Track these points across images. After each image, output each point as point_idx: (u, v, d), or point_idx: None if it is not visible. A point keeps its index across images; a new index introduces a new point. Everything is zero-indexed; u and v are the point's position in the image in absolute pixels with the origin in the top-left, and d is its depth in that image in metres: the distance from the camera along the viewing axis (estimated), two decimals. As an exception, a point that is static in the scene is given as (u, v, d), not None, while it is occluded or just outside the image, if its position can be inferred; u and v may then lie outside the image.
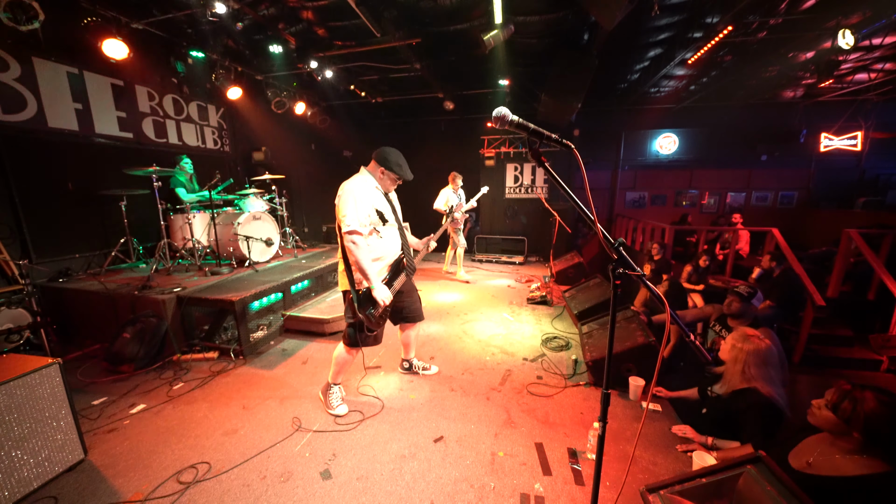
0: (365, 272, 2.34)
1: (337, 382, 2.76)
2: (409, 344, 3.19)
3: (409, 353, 3.26)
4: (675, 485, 1.57)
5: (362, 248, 2.33)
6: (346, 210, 2.31)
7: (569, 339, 3.99)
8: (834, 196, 8.27)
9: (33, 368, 2.02)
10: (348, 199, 2.33)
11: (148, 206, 4.44)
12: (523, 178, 8.87)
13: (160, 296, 3.57)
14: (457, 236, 6.41)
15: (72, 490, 2.06)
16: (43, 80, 4.10)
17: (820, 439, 1.60)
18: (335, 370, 2.71)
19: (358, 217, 2.32)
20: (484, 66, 5.96)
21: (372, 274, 2.36)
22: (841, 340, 3.97)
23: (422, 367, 3.31)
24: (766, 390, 2.08)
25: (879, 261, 3.90)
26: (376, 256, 2.47)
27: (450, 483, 2.10)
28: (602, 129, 8.67)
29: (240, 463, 2.25)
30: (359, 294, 2.43)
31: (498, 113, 1.24)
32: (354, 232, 2.30)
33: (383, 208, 2.48)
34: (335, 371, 2.72)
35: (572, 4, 4.23)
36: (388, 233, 2.52)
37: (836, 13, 4.27)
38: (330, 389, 2.76)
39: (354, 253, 2.31)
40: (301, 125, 7.66)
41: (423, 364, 3.34)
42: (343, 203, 2.34)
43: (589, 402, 2.85)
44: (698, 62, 5.23)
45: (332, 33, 5.07)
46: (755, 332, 2.23)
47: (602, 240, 1.23)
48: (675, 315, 1.21)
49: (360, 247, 2.32)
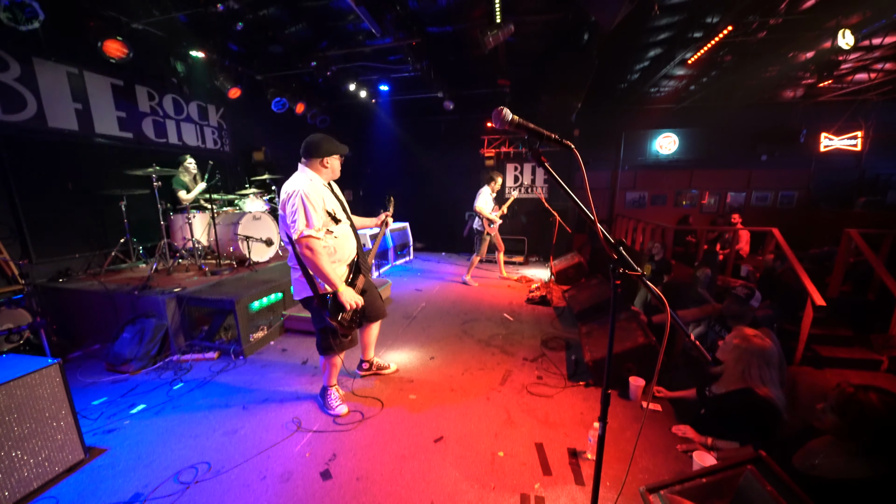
0: (328, 277, 2.22)
1: (332, 384, 2.76)
2: (371, 344, 3.11)
3: (368, 353, 3.15)
4: (675, 485, 1.57)
5: (320, 252, 2.19)
6: (297, 215, 2.15)
7: (569, 339, 3.99)
8: (834, 196, 8.26)
9: (33, 368, 2.02)
10: (297, 202, 2.16)
11: (148, 206, 4.44)
12: (523, 178, 8.87)
13: (160, 296, 3.57)
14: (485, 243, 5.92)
15: (72, 490, 2.06)
16: (43, 80, 4.09)
17: (825, 441, 1.60)
18: (328, 373, 2.71)
19: (312, 220, 2.17)
20: (484, 66, 5.96)
21: (335, 277, 2.26)
22: (841, 340, 3.96)
23: (382, 367, 3.26)
24: (763, 390, 2.08)
25: (879, 261, 3.89)
26: (334, 258, 2.38)
27: (450, 483, 2.10)
28: (602, 129, 8.66)
29: (240, 463, 2.25)
30: (326, 300, 2.32)
31: (498, 113, 1.24)
32: (310, 237, 2.16)
33: (334, 206, 2.37)
34: (328, 374, 2.72)
35: (572, 4, 4.23)
36: (341, 231, 2.41)
37: (836, 13, 4.27)
38: (327, 392, 2.75)
39: (313, 259, 2.17)
40: (301, 125, 7.66)
41: (383, 363, 3.29)
42: (291, 207, 2.17)
43: (589, 402, 2.85)
44: (698, 62, 5.22)
45: (331, 33, 5.07)
46: (754, 333, 2.23)
47: (602, 240, 1.23)
48: (675, 315, 1.21)
49: (318, 251, 2.18)
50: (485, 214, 5.68)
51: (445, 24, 4.77)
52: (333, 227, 2.35)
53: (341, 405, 2.74)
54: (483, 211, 5.66)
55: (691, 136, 8.67)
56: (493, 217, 5.71)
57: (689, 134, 8.66)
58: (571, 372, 3.31)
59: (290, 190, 2.22)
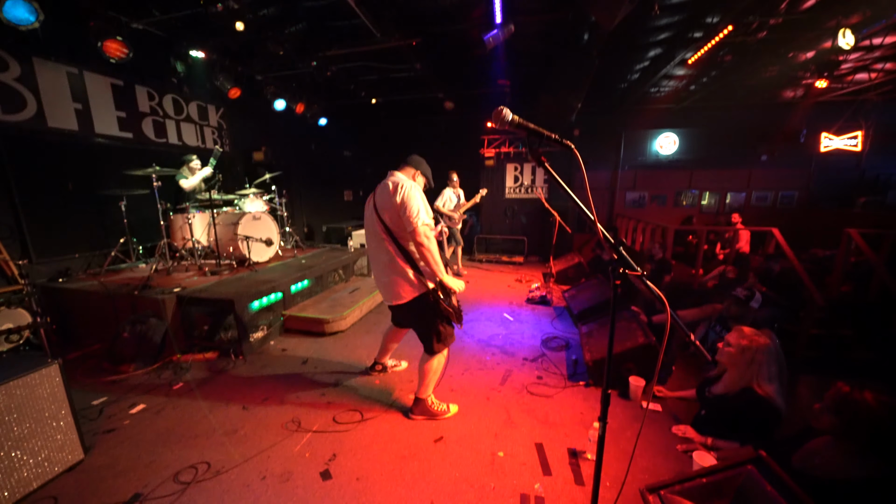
0: (439, 264, 2.37)
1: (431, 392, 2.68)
2: (396, 347, 3.22)
3: (387, 356, 3.25)
4: (675, 485, 1.57)
5: (433, 240, 2.36)
6: (414, 204, 2.30)
7: (569, 339, 3.99)
8: (834, 196, 8.26)
9: (33, 368, 2.02)
10: (413, 195, 2.33)
11: (148, 206, 4.44)
12: (523, 178, 8.87)
13: (160, 296, 3.57)
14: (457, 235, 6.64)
15: (72, 490, 2.06)
16: (43, 80, 4.10)
17: (825, 441, 1.60)
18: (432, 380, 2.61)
19: (427, 210, 2.36)
20: (484, 66, 5.96)
21: (440, 267, 2.38)
22: (841, 340, 3.97)
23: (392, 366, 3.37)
24: (763, 390, 2.08)
25: (879, 261, 3.90)
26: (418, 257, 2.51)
27: (450, 483, 2.10)
28: (602, 129, 8.66)
29: (240, 463, 2.25)
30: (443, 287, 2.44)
31: (498, 113, 1.24)
32: (427, 225, 2.32)
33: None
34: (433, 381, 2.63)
35: (572, 4, 4.23)
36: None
37: (836, 13, 4.27)
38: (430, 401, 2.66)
39: (429, 246, 2.32)
40: (301, 125, 7.66)
41: (393, 362, 3.39)
42: (409, 199, 2.31)
43: (589, 402, 2.85)
44: (698, 62, 5.22)
45: (332, 33, 5.07)
46: (755, 331, 2.23)
47: (602, 240, 1.23)
48: (675, 315, 1.21)
49: (432, 239, 2.35)
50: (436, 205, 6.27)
51: (445, 24, 4.77)
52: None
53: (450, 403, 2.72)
54: (440, 208, 6.36)
55: (691, 136, 8.67)
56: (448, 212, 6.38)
57: (689, 134, 8.66)
58: (571, 372, 3.31)
59: (403, 186, 2.35)
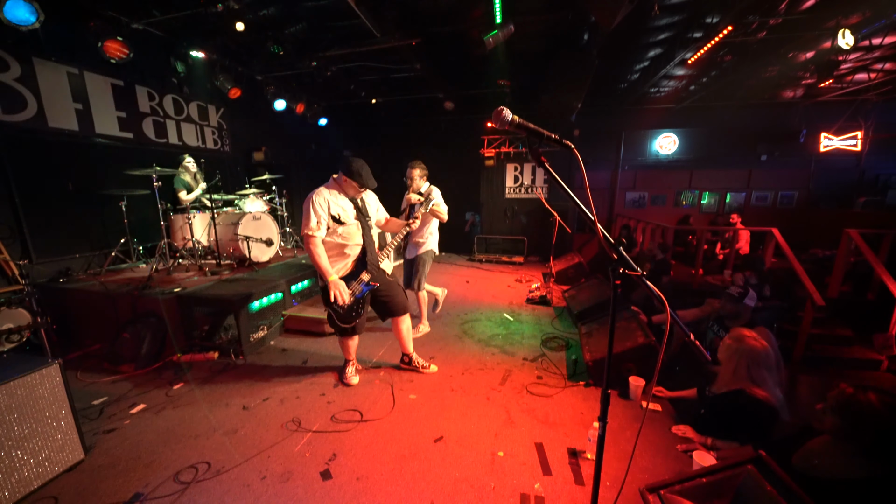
0: (318, 267, 2.71)
1: (348, 359, 3.19)
2: (403, 338, 3.26)
3: (406, 347, 3.32)
4: (675, 485, 1.57)
5: (319, 245, 2.69)
6: (304, 213, 2.69)
7: (569, 339, 3.99)
8: (834, 196, 8.26)
9: (33, 368, 2.02)
10: (307, 205, 2.69)
11: (148, 206, 4.44)
12: (523, 178, 8.87)
13: (160, 296, 3.57)
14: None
15: (72, 490, 2.06)
16: (43, 80, 4.09)
17: (825, 441, 1.60)
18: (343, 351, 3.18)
19: (310, 221, 2.65)
20: (484, 66, 5.95)
21: (325, 269, 2.69)
22: (841, 340, 3.97)
23: (422, 365, 3.32)
24: (758, 391, 2.08)
25: (879, 261, 3.90)
26: (337, 254, 2.81)
27: (450, 483, 2.10)
28: (602, 129, 8.66)
29: (240, 463, 2.25)
30: (322, 288, 2.78)
31: (498, 113, 1.24)
32: (308, 236, 2.67)
33: (340, 211, 2.75)
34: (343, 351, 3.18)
35: (572, 4, 4.23)
36: (347, 232, 2.80)
37: (835, 13, 4.27)
38: (346, 364, 3.20)
39: (310, 251, 2.69)
40: (301, 125, 7.66)
41: (424, 363, 3.34)
42: (304, 208, 2.71)
43: (589, 402, 2.85)
44: (698, 62, 5.22)
45: (332, 33, 5.07)
46: (751, 333, 2.23)
47: (602, 240, 1.23)
48: (674, 315, 1.21)
49: (319, 245, 2.69)
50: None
51: (445, 24, 4.77)
52: (340, 228, 2.77)
53: (354, 376, 3.14)
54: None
55: (691, 136, 8.67)
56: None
57: (689, 134, 8.66)
58: (571, 372, 3.31)
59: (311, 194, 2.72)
